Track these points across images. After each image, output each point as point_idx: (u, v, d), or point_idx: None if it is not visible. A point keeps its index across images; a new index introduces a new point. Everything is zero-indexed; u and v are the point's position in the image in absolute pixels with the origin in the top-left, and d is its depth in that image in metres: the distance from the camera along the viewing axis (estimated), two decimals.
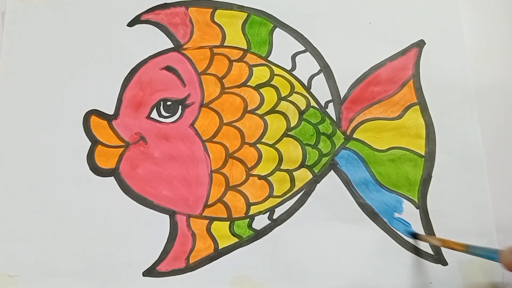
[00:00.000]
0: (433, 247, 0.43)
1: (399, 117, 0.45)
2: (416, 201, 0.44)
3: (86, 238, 0.42)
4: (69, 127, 0.44)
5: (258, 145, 0.44)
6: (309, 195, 0.44)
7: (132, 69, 0.45)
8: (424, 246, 0.43)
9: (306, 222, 0.43)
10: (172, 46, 0.46)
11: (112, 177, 0.43)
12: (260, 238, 0.43)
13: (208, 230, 0.43)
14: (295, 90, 0.46)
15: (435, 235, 0.43)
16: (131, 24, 0.46)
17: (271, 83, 0.45)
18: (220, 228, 0.43)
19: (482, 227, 0.43)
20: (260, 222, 0.43)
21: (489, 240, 0.43)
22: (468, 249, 0.36)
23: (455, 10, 0.48)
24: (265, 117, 0.45)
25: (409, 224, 0.43)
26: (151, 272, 0.42)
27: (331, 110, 0.45)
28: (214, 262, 0.42)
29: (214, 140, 0.44)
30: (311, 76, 0.46)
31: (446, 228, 0.43)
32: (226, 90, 0.45)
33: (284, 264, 0.42)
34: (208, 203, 0.43)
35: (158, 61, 0.45)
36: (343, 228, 0.43)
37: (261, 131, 0.45)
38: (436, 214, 0.43)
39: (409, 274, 0.42)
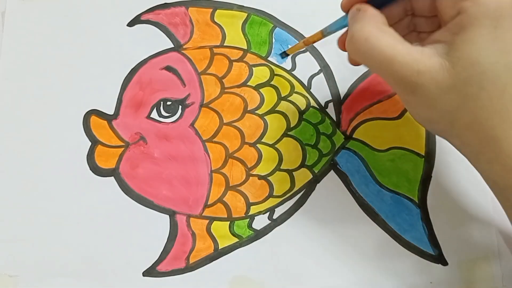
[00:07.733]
0: (433, 247, 0.43)
1: (399, 117, 0.45)
2: (416, 201, 0.44)
3: (86, 238, 0.42)
4: (69, 127, 0.44)
5: (258, 145, 0.44)
6: (309, 195, 0.44)
7: (132, 69, 0.45)
8: (425, 246, 0.43)
9: (306, 222, 0.43)
10: (172, 46, 0.46)
11: (112, 177, 0.43)
12: (260, 238, 0.43)
13: (208, 230, 0.43)
14: (295, 90, 0.46)
15: (435, 235, 0.43)
16: (131, 24, 0.46)
17: (271, 83, 0.45)
18: (220, 228, 0.43)
19: (482, 227, 0.43)
20: (260, 222, 0.43)
21: (489, 240, 0.43)
22: (325, 33, 0.38)
23: None
24: (265, 117, 0.45)
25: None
26: (151, 272, 0.42)
27: (331, 110, 0.45)
28: (214, 262, 0.42)
29: (214, 140, 0.44)
30: (311, 76, 0.46)
31: (446, 228, 0.43)
32: (226, 90, 0.45)
33: (284, 264, 0.42)
34: (208, 203, 0.43)
35: (158, 61, 0.45)
36: (343, 228, 0.43)
37: (261, 131, 0.45)
38: (436, 214, 0.43)
39: (409, 274, 0.42)
